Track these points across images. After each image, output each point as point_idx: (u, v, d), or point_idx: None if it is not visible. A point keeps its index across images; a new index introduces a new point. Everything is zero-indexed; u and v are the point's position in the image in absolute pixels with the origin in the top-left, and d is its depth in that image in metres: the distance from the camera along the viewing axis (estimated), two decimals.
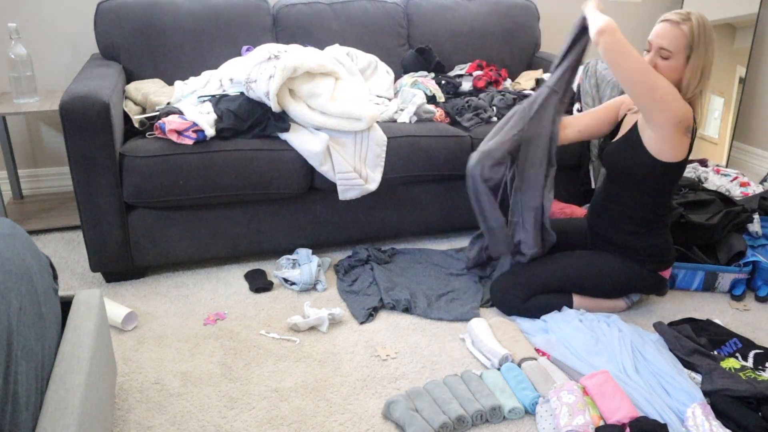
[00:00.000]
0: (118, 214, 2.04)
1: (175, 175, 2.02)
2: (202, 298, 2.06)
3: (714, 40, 1.73)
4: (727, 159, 3.42)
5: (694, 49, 1.71)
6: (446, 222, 2.48)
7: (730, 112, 3.41)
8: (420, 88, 2.55)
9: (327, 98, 2.14)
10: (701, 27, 1.70)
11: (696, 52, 1.71)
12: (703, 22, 1.71)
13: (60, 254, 2.33)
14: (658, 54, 1.75)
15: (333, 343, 1.85)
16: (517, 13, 3.04)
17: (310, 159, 2.12)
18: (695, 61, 1.72)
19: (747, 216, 2.30)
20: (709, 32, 1.72)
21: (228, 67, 2.34)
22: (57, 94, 2.57)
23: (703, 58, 1.72)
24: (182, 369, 1.71)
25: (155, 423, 1.52)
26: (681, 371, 1.69)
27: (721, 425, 1.49)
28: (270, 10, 2.71)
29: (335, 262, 2.30)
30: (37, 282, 1.19)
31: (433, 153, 2.30)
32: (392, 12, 2.85)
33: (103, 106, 1.89)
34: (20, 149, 2.75)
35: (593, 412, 1.51)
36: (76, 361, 1.20)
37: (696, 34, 1.70)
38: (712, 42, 1.72)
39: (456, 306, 2.03)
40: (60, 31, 2.67)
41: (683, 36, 1.71)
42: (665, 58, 1.74)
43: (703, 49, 1.71)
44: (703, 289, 2.20)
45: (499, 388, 1.61)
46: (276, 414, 1.56)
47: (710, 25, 1.73)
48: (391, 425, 1.54)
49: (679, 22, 1.71)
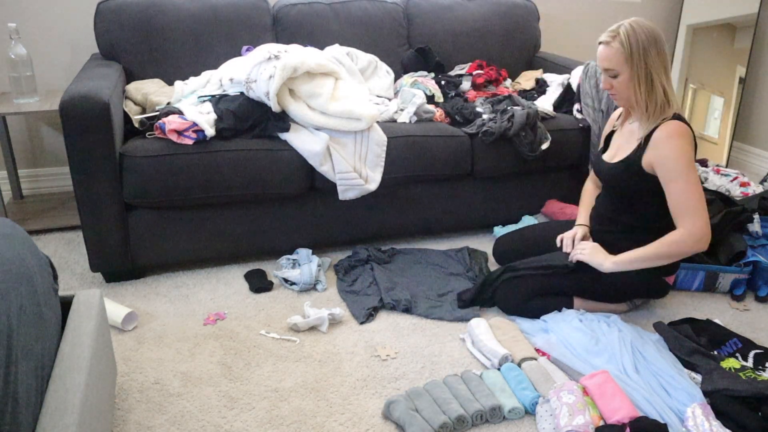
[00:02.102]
0: (118, 214, 2.04)
1: (175, 175, 2.02)
2: (202, 298, 2.06)
3: (655, 42, 1.73)
4: (727, 159, 3.42)
5: (632, 59, 1.74)
6: (446, 222, 2.48)
7: (730, 112, 3.41)
8: (420, 87, 2.55)
9: (327, 98, 2.14)
10: (631, 37, 1.73)
11: (635, 62, 1.74)
12: (632, 32, 1.74)
13: (60, 254, 2.33)
14: (607, 75, 1.81)
15: (333, 343, 1.85)
16: (517, 13, 3.04)
17: (310, 159, 2.13)
18: (639, 69, 1.74)
19: (747, 216, 2.30)
20: (641, 40, 1.73)
21: (228, 67, 2.34)
22: (57, 94, 2.57)
23: (646, 63, 1.73)
24: (182, 369, 1.71)
25: (155, 423, 1.52)
26: (681, 371, 1.69)
27: (721, 425, 1.49)
28: (270, 10, 2.72)
29: (335, 262, 2.30)
30: (37, 282, 1.19)
31: (433, 153, 2.30)
32: (392, 12, 2.85)
33: (103, 106, 1.89)
34: (20, 149, 2.75)
35: (593, 412, 1.51)
36: (76, 361, 1.20)
37: (627, 45, 1.73)
38: (650, 46, 1.73)
39: (456, 306, 2.03)
40: (60, 31, 2.67)
41: (616, 52, 1.75)
42: (614, 77, 1.79)
43: (641, 56, 1.73)
44: (704, 289, 2.20)
45: (499, 388, 1.61)
46: (276, 414, 1.56)
47: (644, 29, 1.74)
48: (391, 425, 1.54)
49: (610, 41, 1.77)
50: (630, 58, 1.74)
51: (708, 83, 3.48)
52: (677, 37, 3.53)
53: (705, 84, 3.49)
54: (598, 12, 3.48)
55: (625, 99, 1.82)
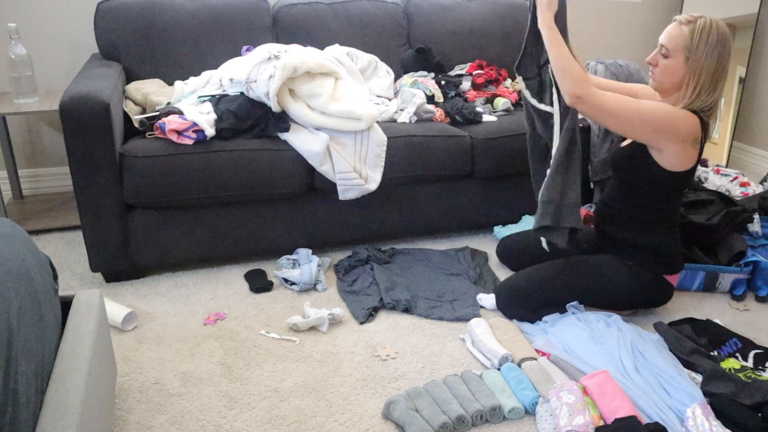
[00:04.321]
0: (118, 214, 2.04)
1: (175, 175, 2.02)
2: (202, 298, 2.06)
3: (723, 50, 1.69)
4: (727, 159, 3.42)
5: (692, 51, 1.70)
6: (446, 222, 2.48)
7: (730, 112, 3.41)
8: (420, 87, 2.55)
9: (327, 98, 2.14)
10: (704, 31, 1.69)
11: (694, 55, 1.70)
12: (708, 28, 1.69)
13: (60, 254, 2.33)
14: (659, 51, 1.77)
15: (333, 343, 1.85)
16: (517, 13, 3.04)
17: (310, 159, 2.12)
18: (693, 64, 1.71)
19: (747, 216, 2.30)
20: (712, 39, 1.69)
21: (228, 67, 2.34)
22: (57, 94, 2.57)
23: (702, 63, 1.70)
24: (182, 369, 1.71)
25: (155, 423, 1.52)
26: (681, 371, 1.69)
27: (721, 425, 1.49)
28: (270, 10, 2.71)
29: (335, 262, 2.30)
30: (37, 282, 1.19)
31: (433, 153, 2.30)
32: (392, 12, 2.85)
33: (103, 106, 1.89)
34: (20, 149, 2.75)
35: (593, 412, 1.51)
36: (76, 361, 1.20)
37: (696, 36, 1.69)
38: (716, 49, 1.69)
39: (456, 306, 2.03)
40: (60, 31, 2.67)
41: (682, 36, 1.72)
42: (665, 56, 1.76)
43: (702, 53, 1.69)
44: (704, 289, 2.20)
45: (499, 388, 1.61)
46: (276, 414, 1.56)
47: (720, 34, 1.69)
48: (391, 425, 1.54)
49: (683, 23, 1.72)
50: (689, 47, 1.70)
51: None
52: None
53: None
54: (598, 12, 3.48)
55: (660, 83, 1.80)
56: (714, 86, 1.73)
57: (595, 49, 3.53)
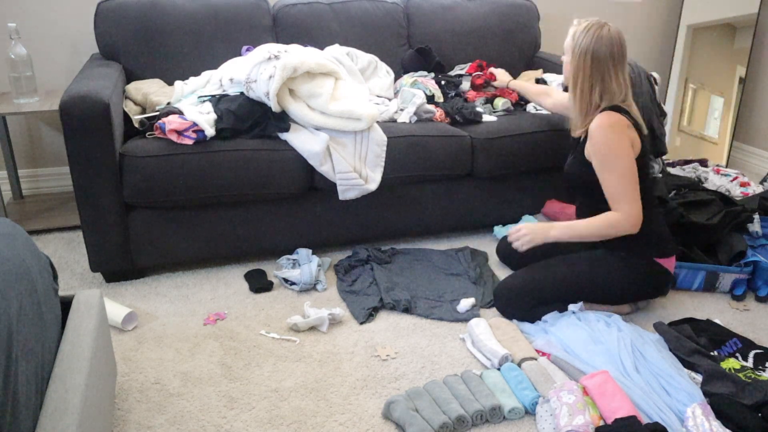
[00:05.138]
0: (118, 214, 2.04)
1: (175, 175, 2.02)
2: (202, 298, 2.06)
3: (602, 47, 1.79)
4: (727, 159, 3.42)
5: (574, 50, 1.84)
6: (446, 222, 2.48)
7: (730, 112, 3.41)
8: (420, 87, 2.55)
9: (327, 98, 2.14)
10: (584, 33, 1.82)
11: (575, 54, 1.84)
12: (587, 30, 1.82)
13: (60, 254, 2.33)
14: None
15: (333, 343, 1.85)
16: (517, 13, 3.04)
17: (310, 159, 2.12)
18: (574, 62, 1.85)
19: (747, 216, 2.30)
20: (588, 40, 1.80)
21: (228, 67, 2.34)
22: (57, 94, 2.57)
23: (579, 62, 1.83)
24: (182, 369, 1.71)
25: (155, 423, 1.52)
26: (681, 371, 1.69)
27: (721, 425, 1.49)
28: (270, 10, 2.71)
29: (335, 262, 2.30)
30: (37, 282, 1.19)
31: (433, 153, 2.30)
32: (392, 12, 2.85)
33: (103, 106, 1.89)
34: (20, 149, 2.75)
35: (593, 412, 1.51)
36: (76, 361, 1.20)
37: (576, 37, 1.84)
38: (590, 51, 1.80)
39: (456, 306, 2.03)
40: (60, 31, 2.67)
41: (570, 36, 1.87)
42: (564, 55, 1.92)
43: (579, 52, 1.82)
44: (704, 289, 2.20)
45: (499, 388, 1.61)
46: (276, 414, 1.56)
47: (598, 36, 1.80)
48: (391, 425, 1.54)
49: (574, 25, 1.87)
50: (572, 47, 1.84)
51: (708, 83, 3.48)
52: (677, 37, 3.53)
53: (705, 84, 3.49)
54: (598, 12, 3.48)
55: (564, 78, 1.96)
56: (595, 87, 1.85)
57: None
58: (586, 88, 1.86)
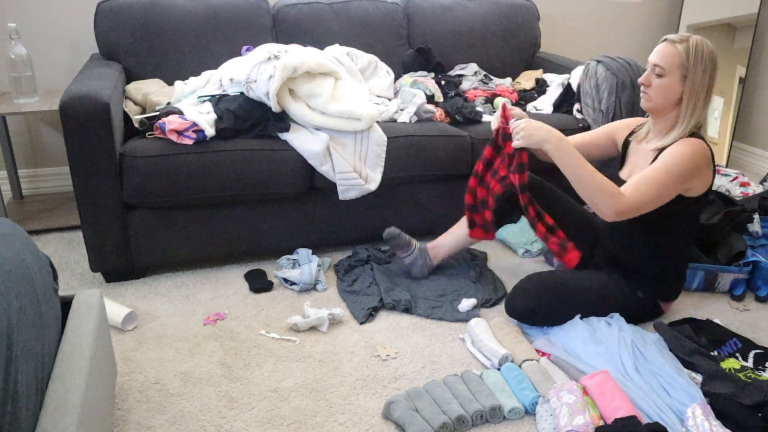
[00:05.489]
0: (118, 214, 2.04)
1: (175, 175, 2.02)
2: (202, 298, 2.06)
3: (714, 66, 1.72)
4: (727, 159, 3.42)
5: (689, 69, 1.71)
6: (446, 222, 2.47)
7: (730, 112, 3.41)
8: (420, 87, 2.55)
9: (327, 98, 2.14)
10: (698, 49, 1.70)
11: (692, 73, 1.71)
12: (701, 46, 1.71)
13: (60, 254, 2.33)
14: (653, 71, 1.77)
15: (333, 343, 1.85)
16: (517, 13, 3.04)
17: (310, 159, 2.13)
18: (692, 82, 1.72)
19: (747, 216, 2.30)
20: (706, 56, 1.71)
21: (228, 67, 2.34)
22: (57, 94, 2.57)
23: (700, 80, 1.72)
24: (182, 369, 1.71)
25: (155, 423, 1.52)
26: (681, 371, 1.69)
27: (721, 425, 1.49)
28: (270, 10, 2.72)
29: (335, 262, 2.30)
30: (37, 282, 1.19)
31: (433, 153, 2.30)
32: (392, 12, 2.85)
33: (103, 106, 1.89)
34: (20, 149, 2.75)
35: (593, 412, 1.51)
36: (76, 361, 1.20)
37: (692, 54, 1.70)
38: (710, 66, 1.72)
39: (456, 306, 2.03)
40: (60, 31, 2.67)
41: (677, 55, 1.72)
42: (659, 76, 1.75)
43: (700, 70, 1.71)
44: (704, 289, 2.20)
45: (499, 388, 1.61)
46: (276, 414, 1.56)
47: (710, 51, 1.72)
48: (391, 425, 1.54)
49: (676, 42, 1.73)
50: (686, 65, 1.71)
51: None
52: None
53: None
54: (598, 12, 3.48)
55: (655, 103, 1.78)
56: (707, 101, 1.76)
57: (596, 50, 3.53)
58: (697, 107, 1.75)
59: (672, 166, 1.71)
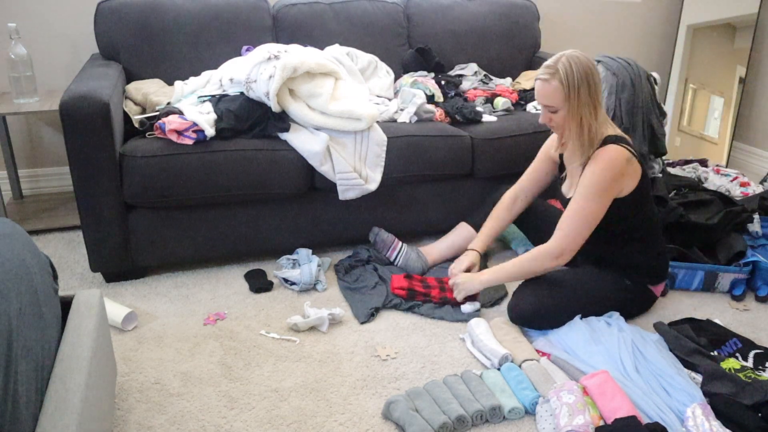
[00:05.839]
0: (118, 214, 2.04)
1: (175, 175, 2.02)
2: (202, 298, 2.06)
3: (591, 75, 1.74)
4: (727, 159, 3.42)
5: (572, 96, 1.74)
6: (446, 222, 2.47)
7: (730, 112, 3.41)
8: (420, 87, 2.55)
9: (327, 98, 2.14)
10: (569, 75, 1.73)
11: (574, 99, 1.74)
12: (571, 70, 1.73)
13: (60, 254, 2.33)
14: (547, 110, 1.81)
15: (333, 343, 1.85)
16: (517, 13, 3.04)
17: (310, 159, 2.12)
18: (578, 104, 1.75)
19: (747, 216, 2.30)
20: (581, 76, 1.73)
21: (228, 67, 2.34)
22: (57, 94, 2.57)
23: (585, 98, 1.75)
24: (182, 369, 1.71)
25: (155, 423, 1.52)
26: (681, 371, 1.69)
27: (721, 425, 1.49)
28: (270, 10, 2.71)
29: (335, 262, 2.30)
30: (37, 282, 1.19)
31: (433, 153, 2.30)
32: (392, 12, 2.85)
33: (103, 106, 1.89)
34: (20, 149, 2.75)
35: (593, 412, 1.51)
36: (76, 361, 1.20)
37: (566, 83, 1.74)
38: (589, 81, 1.74)
39: (456, 306, 2.03)
40: (60, 31, 2.67)
41: (556, 89, 1.75)
42: (554, 112, 1.80)
43: (583, 92, 1.74)
44: (703, 289, 2.20)
45: (499, 388, 1.61)
46: (276, 414, 1.56)
47: (582, 66, 1.73)
48: (391, 425, 1.54)
49: (549, 79, 1.76)
50: (568, 94, 1.75)
51: (708, 83, 3.48)
52: (677, 37, 3.53)
53: (705, 84, 3.49)
54: (598, 12, 3.48)
55: (570, 133, 1.83)
56: (599, 109, 1.79)
57: (596, 50, 3.53)
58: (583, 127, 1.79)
59: (590, 188, 1.77)
